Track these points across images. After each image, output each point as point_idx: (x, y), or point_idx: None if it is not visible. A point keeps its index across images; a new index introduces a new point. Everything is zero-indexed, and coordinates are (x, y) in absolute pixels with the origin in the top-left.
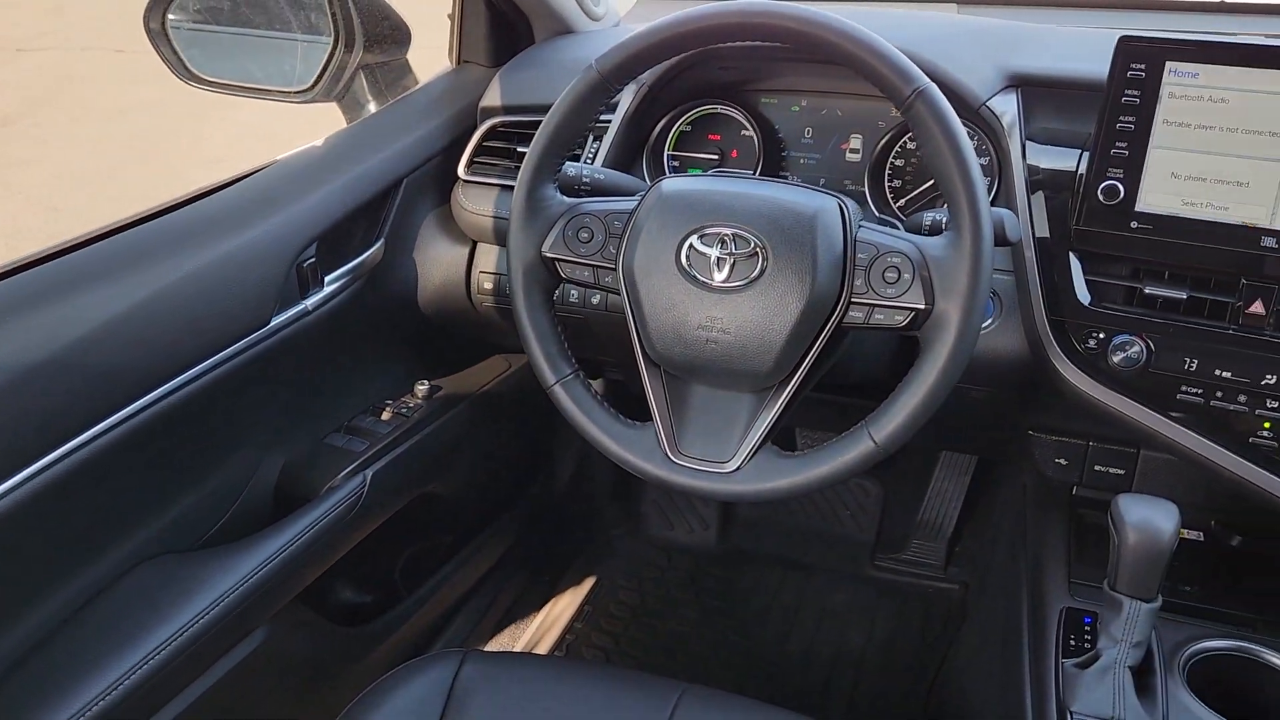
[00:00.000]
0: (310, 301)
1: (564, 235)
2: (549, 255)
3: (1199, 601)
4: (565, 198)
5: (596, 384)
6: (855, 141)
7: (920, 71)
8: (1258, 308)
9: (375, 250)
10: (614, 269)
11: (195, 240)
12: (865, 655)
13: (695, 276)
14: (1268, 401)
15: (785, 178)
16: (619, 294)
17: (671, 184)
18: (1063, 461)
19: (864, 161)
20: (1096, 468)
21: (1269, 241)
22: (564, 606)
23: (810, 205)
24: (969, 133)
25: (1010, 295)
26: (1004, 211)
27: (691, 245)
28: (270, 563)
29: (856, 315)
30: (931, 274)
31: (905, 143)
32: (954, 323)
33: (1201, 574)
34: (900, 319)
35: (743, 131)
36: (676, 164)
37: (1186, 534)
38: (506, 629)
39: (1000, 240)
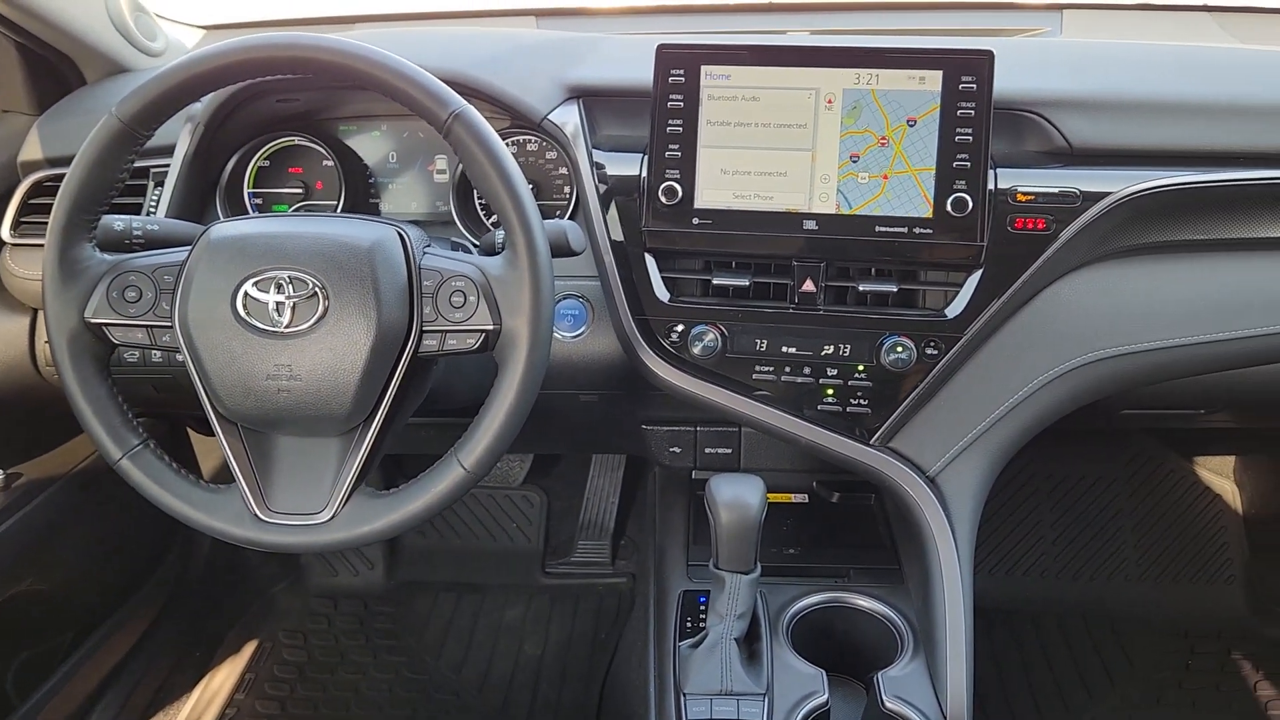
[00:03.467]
0: None
1: (109, 297)
2: (93, 321)
3: (801, 562)
4: (107, 256)
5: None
6: (440, 162)
7: (455, 95)
8: (809, 286)
9: None
10: (170, 326)
11: None
12: (542, 665)
13: (256, 325)
14: (827, 370)
15: (375, 205)
16: (179, 352)
17: (220, 230)
18: (676, 450)
19: (450, 181)
20: (706, 450)
21: (810, 224)
22: (221, 680)
23: (366, 238)
24: (546, 146)
25: (600, 300)
26: (564, 222)
27: (247, 293)
28: None
29: (431, 343)
30: (495, 294)
31: None
32: (523, 338)
33: (805, 535)
34: (472, 341)
35: (324, 162)
36: (259, 202)
37: (793, 498)
38: (153, 719)
39: (563, 251)
